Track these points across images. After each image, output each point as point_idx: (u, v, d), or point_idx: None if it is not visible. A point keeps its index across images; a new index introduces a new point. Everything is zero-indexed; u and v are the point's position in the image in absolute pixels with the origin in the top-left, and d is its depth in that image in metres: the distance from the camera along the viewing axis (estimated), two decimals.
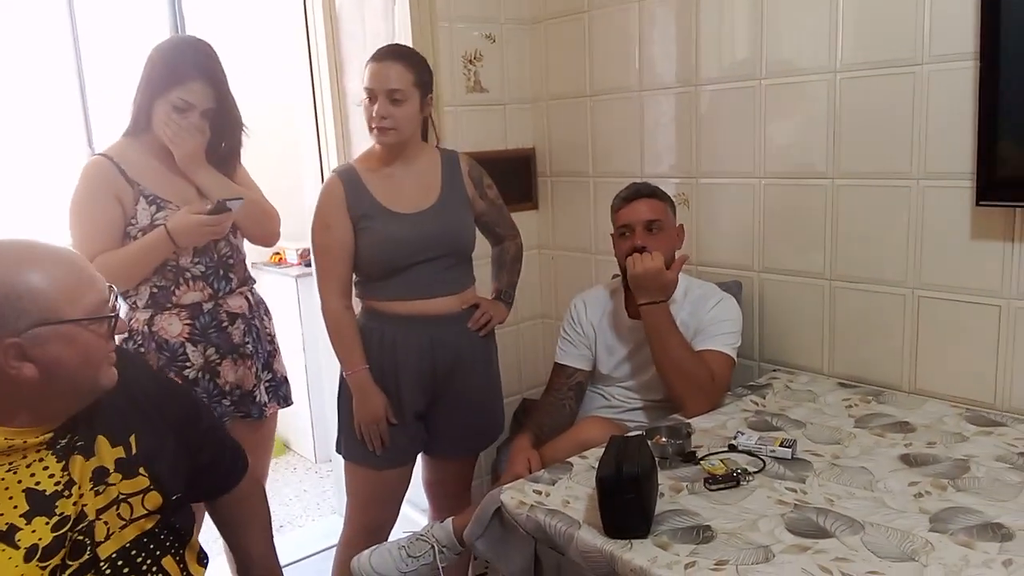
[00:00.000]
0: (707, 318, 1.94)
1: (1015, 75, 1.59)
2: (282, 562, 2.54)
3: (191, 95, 1.81)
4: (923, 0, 1.74)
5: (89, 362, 1.10)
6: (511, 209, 2.70)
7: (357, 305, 2.01)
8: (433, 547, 1.75)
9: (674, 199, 2.06)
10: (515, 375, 2.77)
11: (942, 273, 1.83)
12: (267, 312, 2.11)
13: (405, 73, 1.83)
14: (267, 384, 2.06)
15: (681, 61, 2.26)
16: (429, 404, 2.00)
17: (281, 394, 2.12)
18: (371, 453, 1.95)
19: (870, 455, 1.57)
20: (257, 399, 2.01)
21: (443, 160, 2.00)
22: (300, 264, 3.66)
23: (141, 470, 1.20)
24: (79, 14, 3.28)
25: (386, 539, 2.00)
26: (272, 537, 1.55)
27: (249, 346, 1.99)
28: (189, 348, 1.89)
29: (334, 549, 2.14)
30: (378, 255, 1.90)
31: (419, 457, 2.12)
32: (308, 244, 2.92)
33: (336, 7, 2.50)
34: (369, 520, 2.03)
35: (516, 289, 2.17)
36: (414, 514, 2.59)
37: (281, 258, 3.79)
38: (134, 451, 1.20)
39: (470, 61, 2.50)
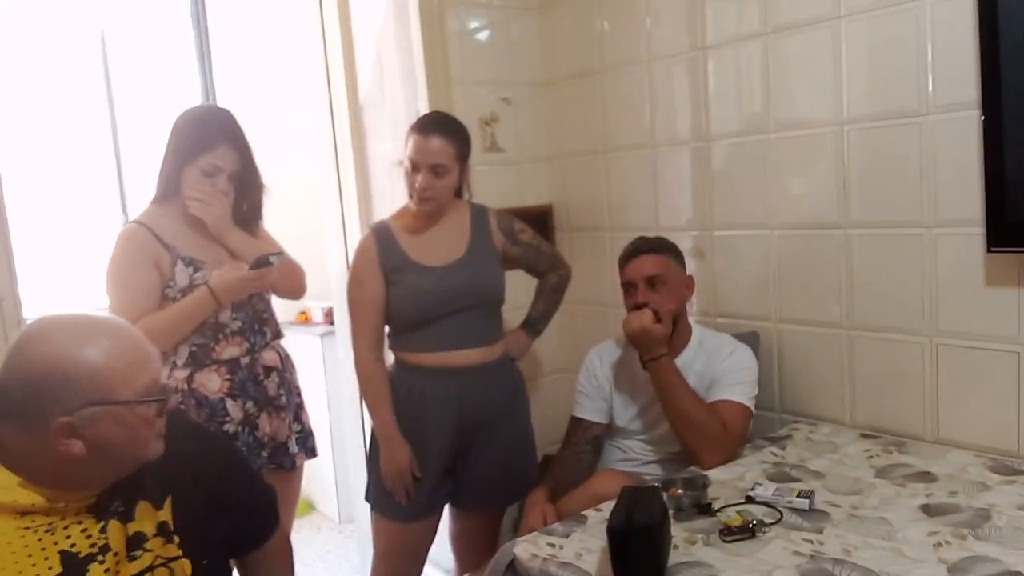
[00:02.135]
0: (722, 368, 1.94)
1: (1018, 123, 1.61)
2: None
3: (220, 159, 1.89)
4: (925, 52, 1.78)
5: (136, 440, 1.11)
6: None
7: (390, 358, 2.06)
8: None
9: (690, 251, 2.08)
10: (536, 430, 2.76)
11: (959, 320, 1.82)
12: (293, 365, 2.16)
13: (448, 148, 1.91)
14: (297, 435, 2.09)
15: (692, 117, 2.31)
16: (457, 457, 2.02)
17: (308, 445, 2.15)
18: (397, 506, 1.97)
19: (890, 505, 1.55)
20: (289, 450, 2.06)
21: (472, 214, 2.07)
22: (325, 323, 3.71)
23: (175, 537, 1.21)
24: (115, 86, 3.44)
25: None
26: None
27: (283, 398, 2.04)
28: (229, 403, 1.93)
29: None
30: (407, 307, 1.95)
31: (446, 510, 2.13)
32: (332, 303, 3.01)
33: (356, 73, 2.60)
34: (390, 573, 2.04)
35: (549, 319, 2.23)
36: (437, 574, 2.58)
37: (307, 317, 3.85)
38: (170, 513, 1.21)
39: (486, 123, 2.57)
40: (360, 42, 2.59)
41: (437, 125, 1.93)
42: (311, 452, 2.16)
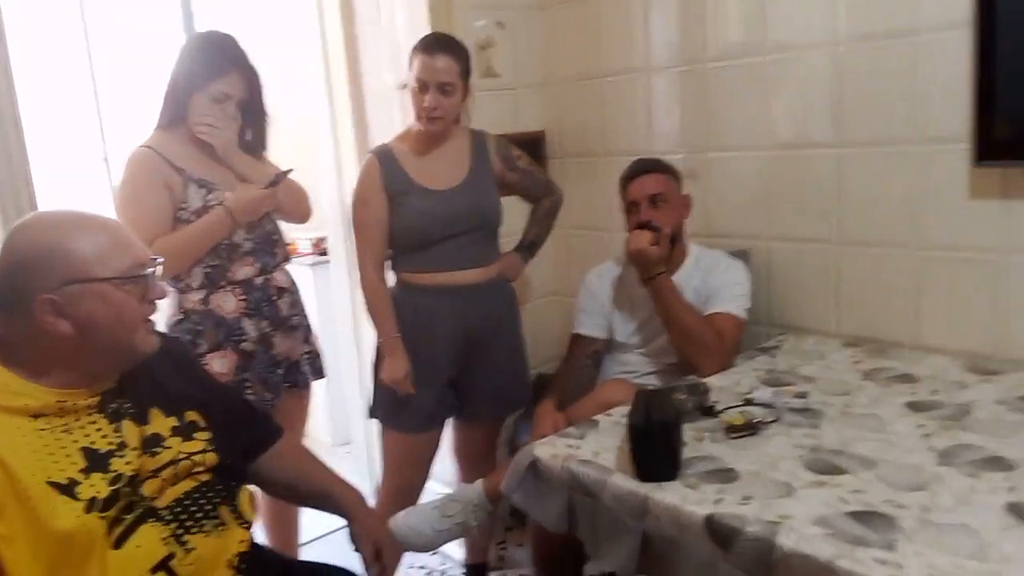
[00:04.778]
0: (717, 283, 2.03)
1: (1010, 40, 1.69)
2: (304, 540, 2.61)
3: (229, 86, 1.91)
4: None
5: (122, 322, 1.18)
6: None
7: (391, 279, 2.13)
8: (464, 507, 1.85)
9: (683, 173, 2.15)
10: (529, 350, 2.85)
11: (942, 232, 1.92)
12: (299, 289, 2.20)
13: (454, 65, 1.96)
14: (305, 355, 2.16)
15: (686, 40, 2.34)
16: (459, 370, 2.12)
17: (316, 367, 2.21)
18: (405, 419, 2.08)
19: (878, 403, 1.67)
20: (301, 368, 2.13)
21: (472, 140, 2.14)
22: (314, 253, 3.74)
23: (196, 435, 1.30)
24: (90, 17, 3.34)
25: (416, 503, 2.10)
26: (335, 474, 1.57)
27: (295, 318, 2.10)
28: (245, 322, 1.97)
29: None
30: (412, 229, 2.03)
31: (449, 426, 2.24)
32: (322, 234, 3.05)
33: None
34: (401, 482, 2.15)
35: (542, 243, 2.31)
36: (439, 487, 2.69)
37: (294, 248, 3.86)
38: (187, 421, 1.30)
39: (482, 48, 2.57)
40: None
41: (442, 44, 1.99)
42: (318, 373, 2.23)
